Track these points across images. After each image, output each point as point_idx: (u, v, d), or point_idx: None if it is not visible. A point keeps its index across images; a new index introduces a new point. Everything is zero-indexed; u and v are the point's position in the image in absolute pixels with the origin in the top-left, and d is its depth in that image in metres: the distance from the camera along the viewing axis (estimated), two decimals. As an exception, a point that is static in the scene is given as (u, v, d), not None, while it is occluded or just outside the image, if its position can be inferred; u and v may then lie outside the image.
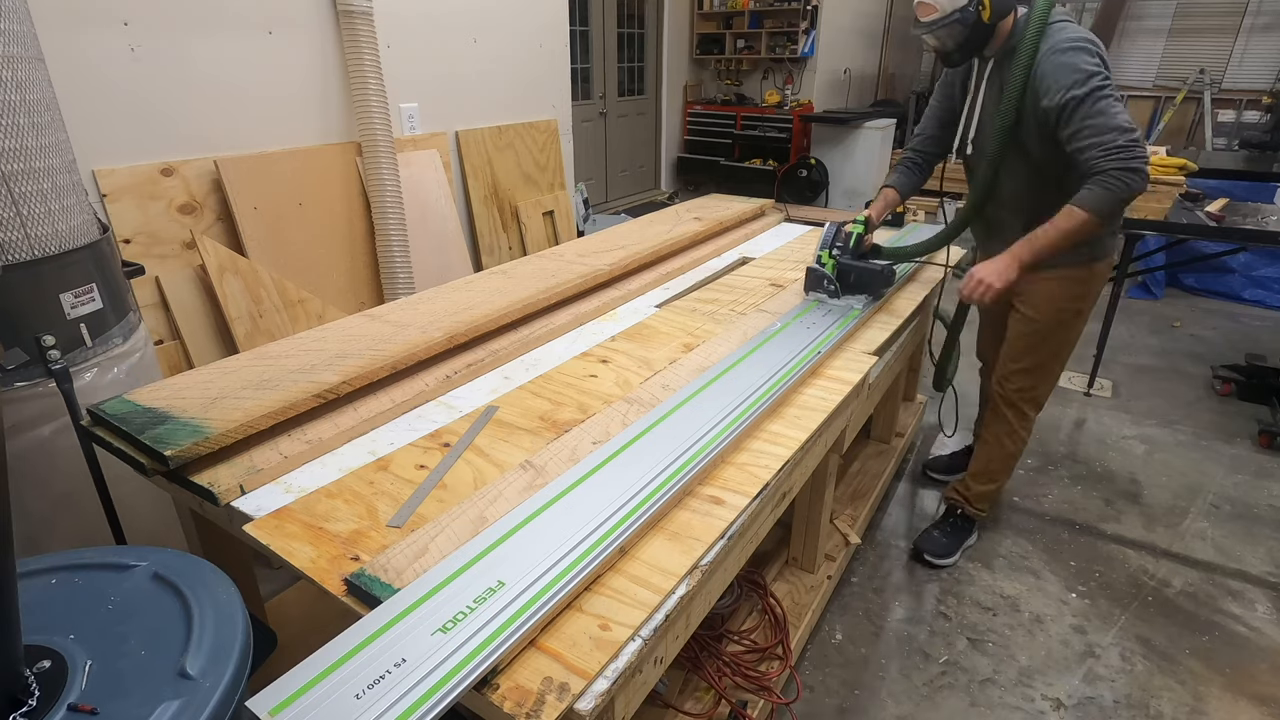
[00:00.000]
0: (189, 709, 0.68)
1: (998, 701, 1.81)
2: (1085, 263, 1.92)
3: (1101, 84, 1.63)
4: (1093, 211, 1.67)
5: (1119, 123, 1.62)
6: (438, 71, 3.09)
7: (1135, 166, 1.62)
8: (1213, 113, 7.64)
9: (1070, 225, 1.70)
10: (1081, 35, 1.69)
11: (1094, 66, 1.63)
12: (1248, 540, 2.41)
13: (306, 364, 1.47)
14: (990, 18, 1.72)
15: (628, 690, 0.91)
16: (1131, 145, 1.61)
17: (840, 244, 1.99)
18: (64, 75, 1.79)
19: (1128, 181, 1.63)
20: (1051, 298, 1.97)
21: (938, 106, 2.11)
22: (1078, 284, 1.96)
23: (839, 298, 1.97)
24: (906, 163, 2.21)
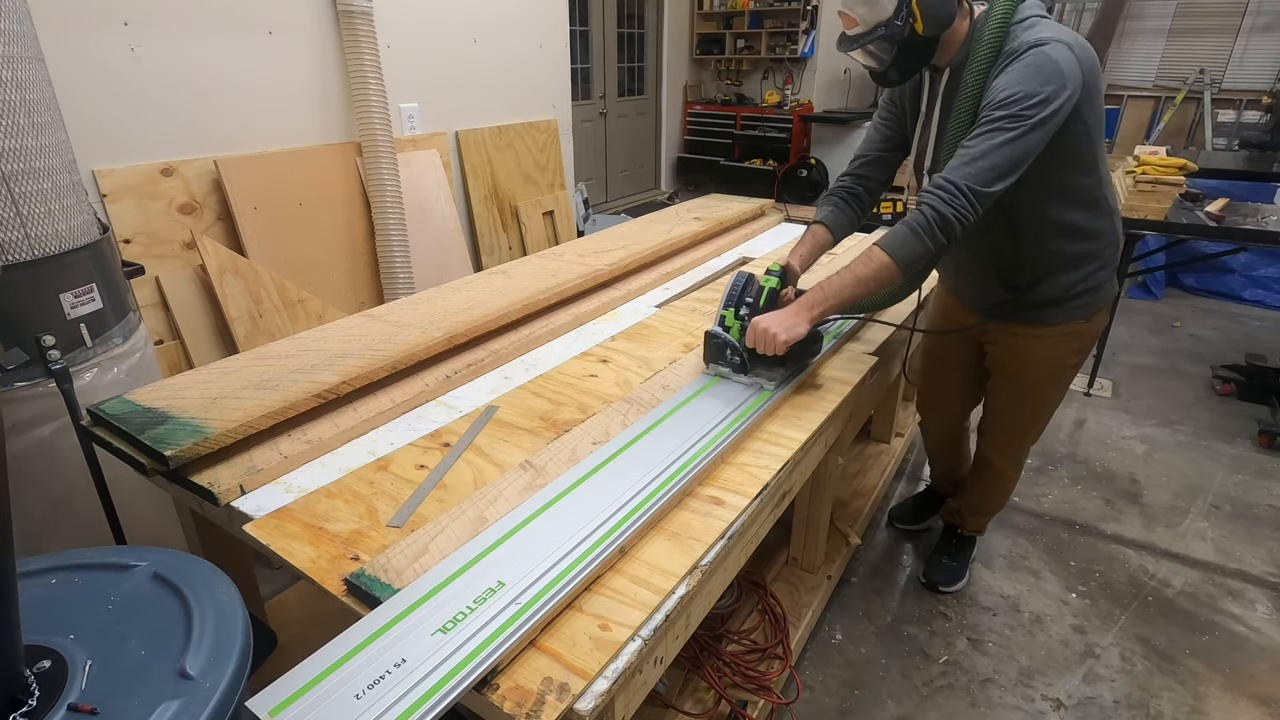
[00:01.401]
0: (189, 709, 0.68)
1: (998, 701, 1.81)
2: (1090, 315, 1.66)
3: (1030, 114, 1.29)
4: (894, 257, 1.38)
5: (993, 163, 1.31)
6: (438, 71, 3.09)
7: (949, 216, 1.32)
8: (1213, 113, 7.64)
9: (866, 271, 1.41)
10: (1056, 37, 1.34)
11: (1045, 91, 1.29)
12: (1248, 540, 2.41)
13: (306, 364, 1.47)
14: (926, 29, 1.40)
15: (628, 690, 0.91)
16: (968, 195, 1.32)
17: (751, 299, 1.53)
18: (64, 75, 1.79)
19: (932, 230, 1.34)
20: (1052, 360, 1.73)
21: (882, 125, 1.74)
22: (1082, 338, 1.70)
23: (746, 373, 1.50)
24: (842, 192, 1.75)
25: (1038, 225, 1.54)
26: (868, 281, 1.41)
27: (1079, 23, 8.55)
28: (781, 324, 1.41)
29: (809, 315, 1.43)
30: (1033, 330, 1.69)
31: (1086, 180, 1.49)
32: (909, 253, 1.38)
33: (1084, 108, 1.38)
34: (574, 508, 1.10)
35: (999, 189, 1.33)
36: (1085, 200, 1.52)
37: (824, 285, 1.44)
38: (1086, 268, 1.59)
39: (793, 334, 1.41)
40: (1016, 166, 1.32)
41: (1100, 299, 1.66)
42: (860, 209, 1.77)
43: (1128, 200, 3.12)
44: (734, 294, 1.54)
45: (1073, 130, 1.39)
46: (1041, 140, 1.32)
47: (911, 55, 1.45)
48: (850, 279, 1.42)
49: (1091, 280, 1.61)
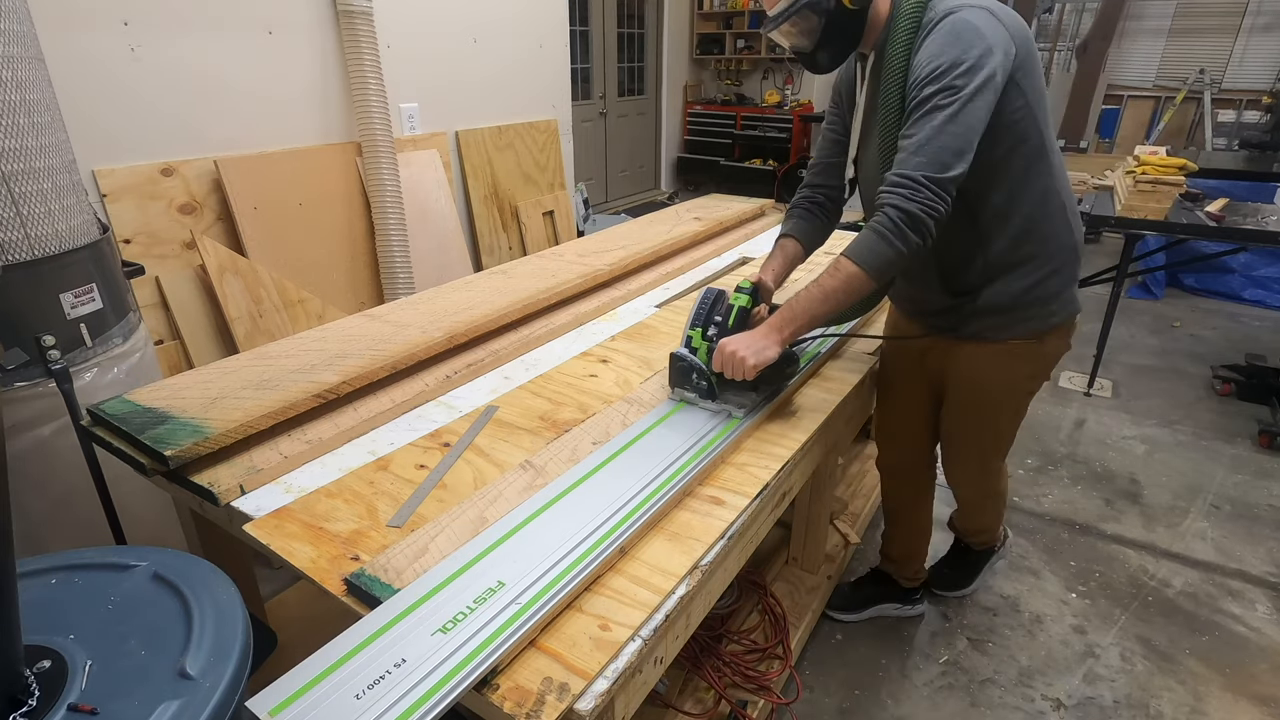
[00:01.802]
0: (189, 709, 0.68)
1: (998, 701, 1.81)
2: (1041, 333, 1.49)
3: (961, 82, 1.19)
4: (862, 266, 1.26)
5: (941, 145, 1.20)
6: (438, 71, 3.09)
7: (914, 212, 1.21)
8: (1213, 113, 7.64)
9: (834, 283, 1.28)
10: (971, 2, 1.25)
11: (971, 55, 1.19)
12: (1248, 540, 2.41)
13: (306, 364, 1.47)
14: (854, 1, 1.30)
15: (628, 690, 0.91)
16: (928, 185, 1.20)
17: (720, 319, 1.41)
18: (64, 75, 1.79)
19: (900, 230, 1.22)
20: (1001, 381, 1.57)
21: (830, 130, 1.63)
22: (1034, 360, 1.54)
23: (714, 399, 1.38)
24: (804, 204, 1.66)
25: (981, 218, 1.41)
26: (837, 294, 1.29)
27: (1079, 23, 8.54)
28: (750, 347, 1.29)
29: (779, 337, 1.31)
30: (979, 349, 1.54)
31: (1034, 166, 1.37)
32: (878, 259, 1.26)
33: (1021, 78, 1.28)
34: (574, 508, 1.09)
35: (957, 172, 1.22)
36: (1035, 194, 1.38)
37: (792, 304, 1.32)
38: (1035, 273, 1.43)
39: (762, 358, 1.28)
40: (968, 143, 1.21)
41: (1053, 313, 1.47)
42: (827, 217, 1.67)
43: (1128, 200, 3.12)
44: (701, 312, 1.41)
45: (1012, 103, 1.28)
46: (985, 110, 1.22)
47: (840, 34, 1.34)
48: (819, 294, 1.30)
49: (1042, 289, 1.44)
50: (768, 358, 1.29)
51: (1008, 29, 1.23)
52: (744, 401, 1.39)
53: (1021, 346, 1.50)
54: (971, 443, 1.74)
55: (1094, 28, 7.98)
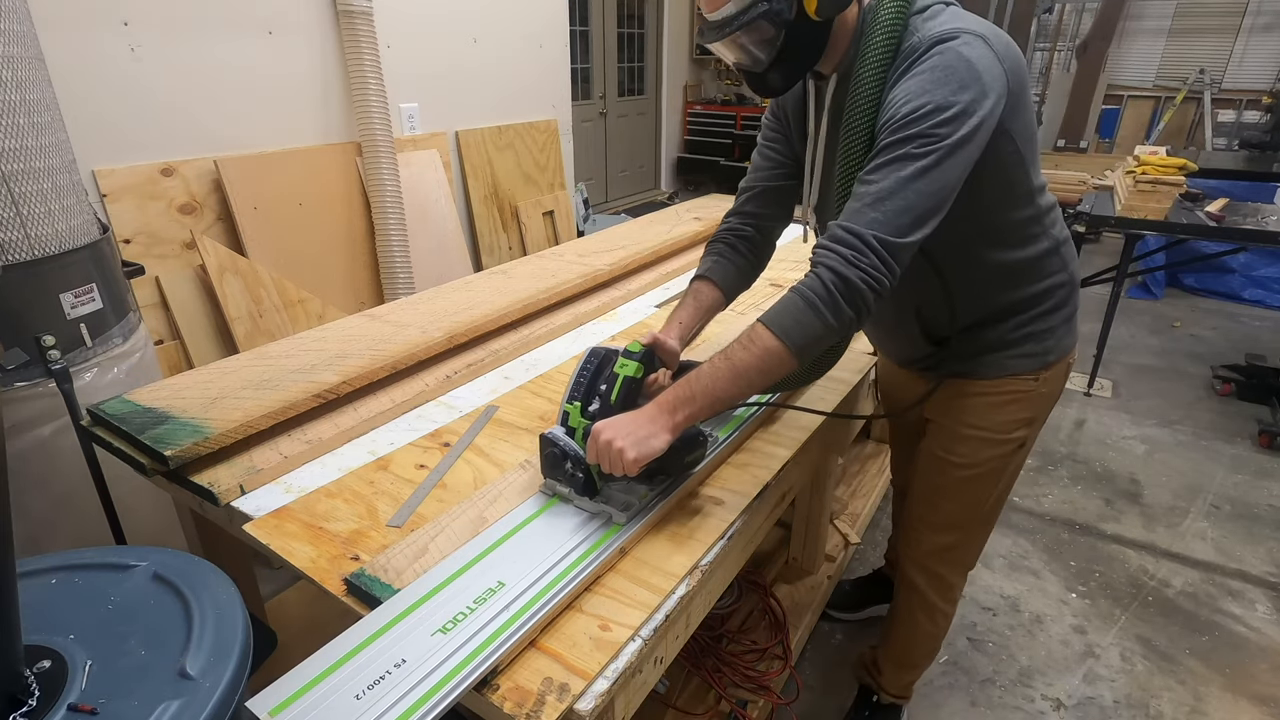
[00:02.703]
0: (189, 709, 0.68)
1: (998, 701, 1.81)
2: (1036, 370, 1.27)
3: (944, 131, 0.96)
4: (783, 339, 1.00)
5: (906, 203, 0.97)
6: (438, 71, 3.09)
7: (854, 281, 0.97)
8: (1213, 113, 7.64)
9: (746, 359, 1.02)
10: (968, 28, 1.01)
11: (960, 100, 0.96)
12: (1248, 540, 2.41)
13: (306, 364, 1.47)
14: (820, 10, 1.04)
15: (628, 690, 0.91)
16: (877, 251, 0.97)
17: (605, 386, 1.13)
18: (64, 75, 1.79)
19: (833, 300, 0.99)
20: (988, 427, 1.32)
21: (768, 148, 1.36)
22: (1029, 403, 1.30)
23: (593, 495, 1.08)
24: (729, 237, 1.38)
25: (966, 269, 1.20)
26: (748, 374, 1.02)
27: (1079, 23, 8.54)
28: (631, 435, 1.00)
29: (669, 422, 1.02)
30: (966, 386, 1.31)
31: (1023, 213, 1.17)
32: (804, 333, 1.00)
33: (1011, 121, 1.05)
34: (574, 507, 1.10)
35: (918, 237, 0.99)
36: (1024, 236, 1.19)
37: (692, 380, 1.04)
38: (1030, 311, 1.24)
39: (646, 449, 0.99)
40: (938, 204, 0.99)
41: (1049, 350, 1.27)
42: (756, 255, 1.39)
43: (1128, 200, 3.13)
44: (582, 380, 1.15)
45: (1000, 151, 1.06)
46: (965, 166, 0.99)
47: (798, 49, 1.08)
48: (726, 371, 1.03)
49: (1036, 325, 1.25)
50: (652, 449, 1.00)
51: (1004, 65, 1.01)
52: (631, 500, 1.08)
53: (1011, 386, 1.28)
54: (941, 508, 1.44)
55: (1094, 28, 7.99)
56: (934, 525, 1.46)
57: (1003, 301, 1.24)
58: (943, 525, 1.45)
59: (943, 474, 1.39)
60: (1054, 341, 1.27)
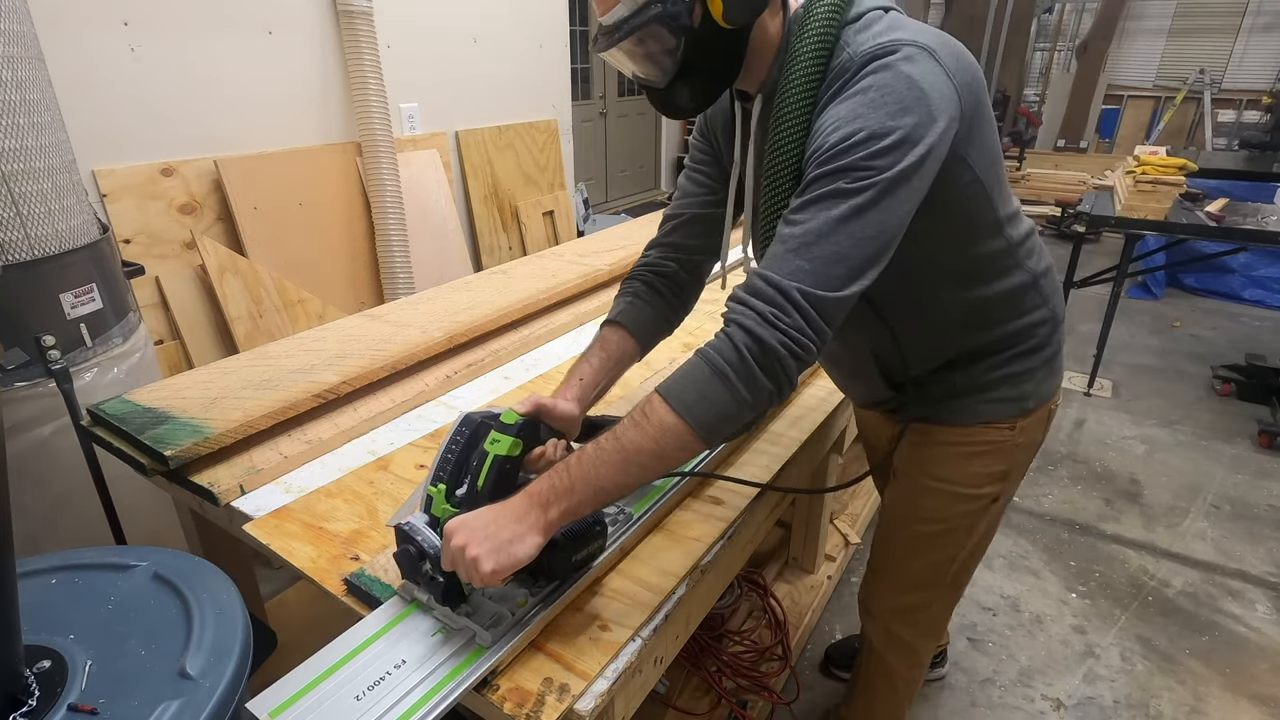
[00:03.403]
0: (189, 709, 0.68)
1: (998, 701, 1.81)
2: (1012, 418, 1.11)
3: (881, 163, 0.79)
4: (685, 416, 0.81)
5: (837, 249, 0.80)
6: (438, 71, 3.09)
7: (772, 346, 0.79)
8: (1213, 113, 7.64)
9: (639, 440, 0.82)
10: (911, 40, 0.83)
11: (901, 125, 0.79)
12: (1248, 540, 2.41)
13: (306, 364, 1.47)
14: (728, 14, 0.86)
15: (628, 690, 0.91)
16: (802, 308, 0.80)
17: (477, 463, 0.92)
18: (64, 75, 1.79)
19: (746, 368, 0.80)
20: (956, 479, 1.16)
21: (696, 171, 1.17)
22: (1003, 455, 1.14)
23: (457, 605, 0.87)
24: (646, 274, 1.18)
25: (925, 311, 1.05)
26: (640, 459, 0.82)
27: (1079, 23, 8.54)
28: (491, 538, 0.79)
29: (542, 520, 0.81)
30: (934, 433, 1.15)
31: (989, 246, 1.01)
32: (710, 409, 0.81)
33: (966, 146, 0.89)
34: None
35: (854, 290, 0.82)
36: (993, 271, 1.03)
37: (572, 465, 0.83)
38: (1005, 352, 1.08)
39: (507, 558, 0.78)
40: (878, 251, 0.82)
41: (1026, 395, 1.10)
42: (677, 295, 1.19)
43: (1128, 200, 3.13)
44: (450, 455, 0.93)
45: (955, 181, 0.90)
46: (909, 203, 0.83)
47: (706, 62, 0.92)
48: (614, 456, 0.82)
49: (1013, 367, 1.08)
50: (515, 558, 0.79)
51: (955, 81, 0.84)
52: (503, 612, 0.87)
53: (985, 435, 1.12)
54: (903, 564, 1.30)
55: (1094, 28, 7.99)
56: (896, 584, 1.33)
57: (973, 343, 1.07)
58: (906, 585, 1.31)
59: (906, 529, 1.26)
60: (1033, 386, 1.10)
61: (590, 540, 0.92)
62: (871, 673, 1.47)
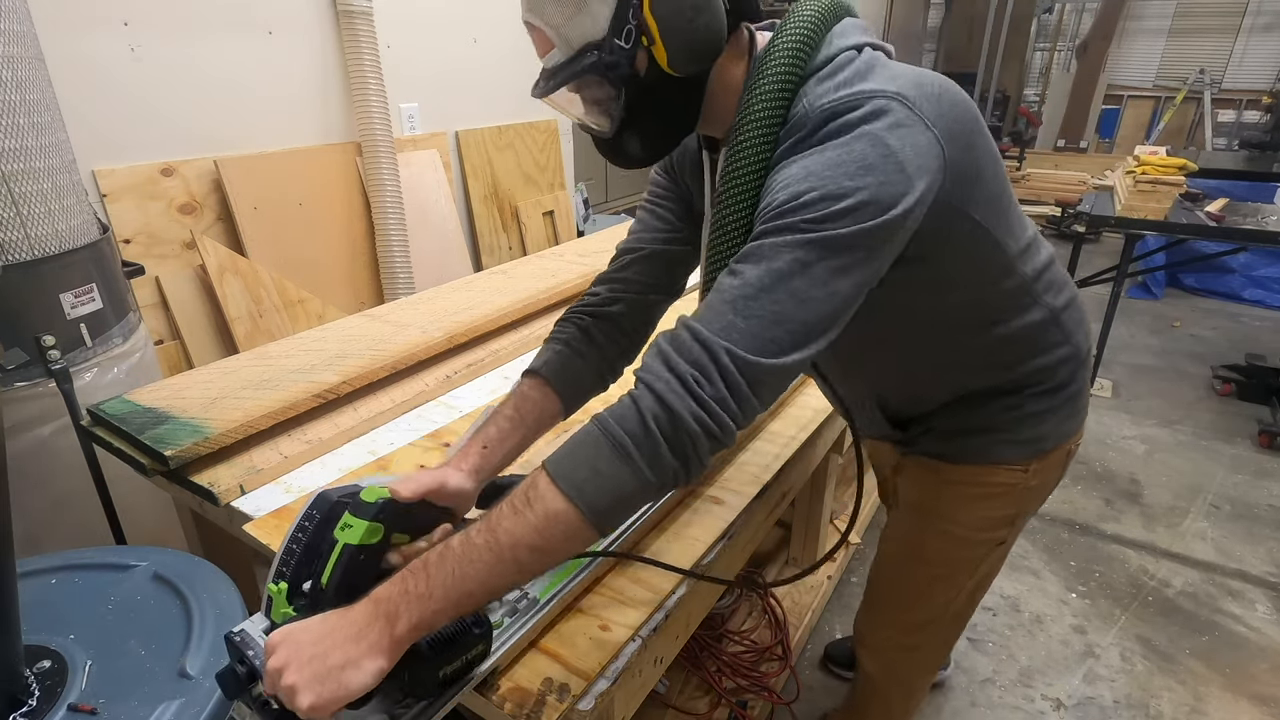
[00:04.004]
0: (189, 709, 0.68)
1: (998, 701, 1.81)
2: (1026, 460, 1.03)
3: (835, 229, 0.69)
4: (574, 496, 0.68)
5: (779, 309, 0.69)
6: (438, 71, 3.09)
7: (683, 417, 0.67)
8: (1213, 113, 7.64)
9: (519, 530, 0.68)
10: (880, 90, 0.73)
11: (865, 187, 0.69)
12: (1248, 540, 2.41)
13: (306, 364, 1.47)
14: (674, 62, 0.77)
15: (628, 690, 0.91)
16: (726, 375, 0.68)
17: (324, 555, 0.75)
18: (64, 75, 1.79)
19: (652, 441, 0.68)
20: (960, 520, 1.10)
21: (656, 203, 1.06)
22: (1013, 498, 1.07)
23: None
24: (581, 319, 1.03)
25: (935, 359, 0.99)
26: (518, 553, 0.68)
27: (1079, 23, 8.54)
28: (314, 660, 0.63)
29: (388, 635, 0.65)
30: (941, 470, 1.07)
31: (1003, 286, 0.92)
32: (604, 491, 0.68)
33: (962, 197, 0.79)
34: None
35: (793, 359, 0.70)
36: (1008, 309, 0.95)
37: (432, 562, 0.68)
38: (1024, 391, 1.00)
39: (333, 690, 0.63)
40: (827, 317, 0.71)
41: (1044, 436, 1.03)
42: (617, 343, 1.03)
43: (1128, 200, 3.13)
44: (295, 545, 0.75)
45: (955, 234, 0.82)
46: (868, 270, 0.72)
47: (657, 112, 0.83)
48: (486, 551, 0.67)
49: (1031, 406, 1.00)
50: (345, 689, 0.63)
51: (935, 130, 0.73)
52: None
53: (998, 476, 1.04)
54: (897, 599, 1.25)
55: (1094, 28, 7.99)
56: (893, 621, 1.27)
57: (988, 383, 1.00)
58: (904, 622, 1.25)
59: (906, 568, 1.20)
60: (1051, 426, 1.02)
61: (466, 647, 0.74)
62: (867, 700, 1.43)
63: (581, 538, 0.69)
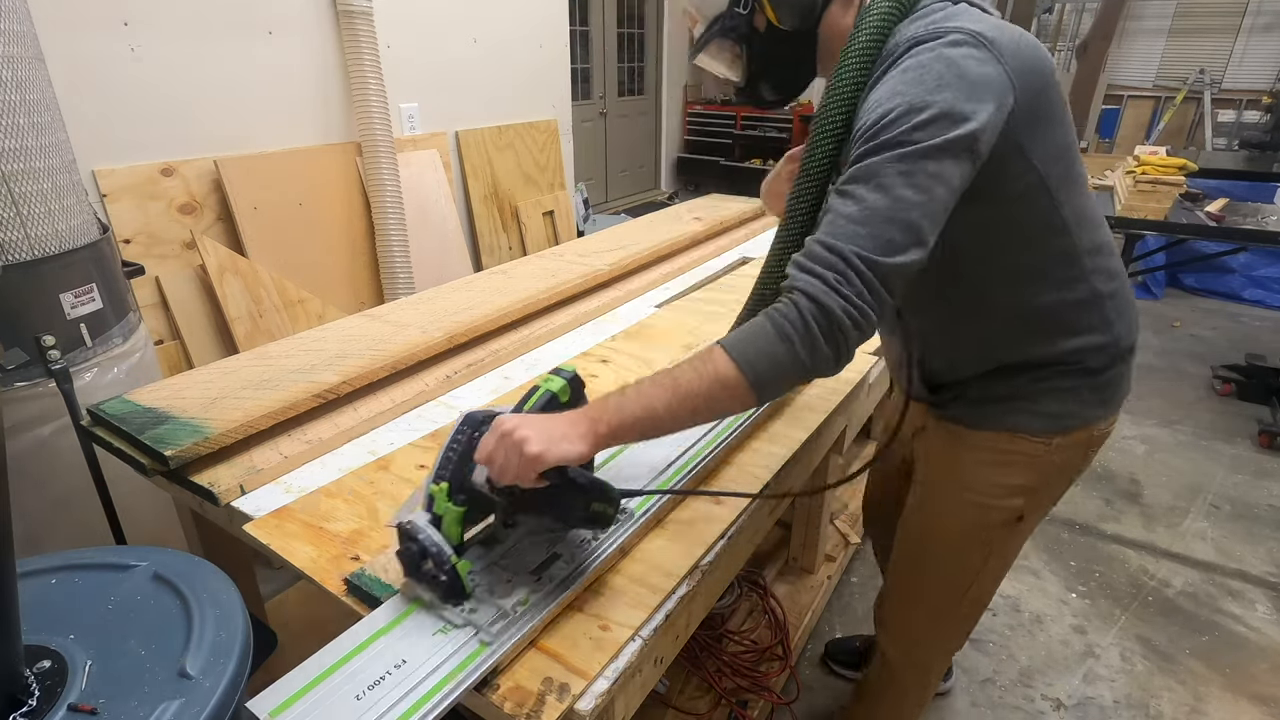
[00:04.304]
0: (189, 709, 0.68)
1: (998, 701, 1.81)
2: (1048, 433, 1.07)
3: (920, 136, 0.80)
4: (744, 368, 0.82)
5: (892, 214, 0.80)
6: (438, 71, 3.09)
7: (835, 313, 0.79)
8: (1213, 113, 7.64)
9: (694, 383, 0.83)
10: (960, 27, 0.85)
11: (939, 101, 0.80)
12: (1248, 540, 2.41)
13: (306, 364, 1.47)
14: (782, 18, 0.97)
15: (628, 690, 0.91)
16: (862, 273, 0.80)
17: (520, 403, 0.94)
18: (64, 75, 1.79)
19: (808, 333, 0.80)
20: (976, 487, 1.13)
21: None
22: (1034, 468, 1.10)
23: (461, 601, 0.88)
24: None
25: (971, 316, 1.05)
26: (692, 400, 0.83)
27: (1079, 23, 8.54)
28: (542, 432, 0.80)
29: (592, 430, 0.83)
30: (964, 436, 1.12)
31: (1049, 249, 0.98)
32: (770, 368, 0.82)
33: (1027, 136, 0.88)
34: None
35: (909, 259, 0.81)
36: (1053, 280, 0.99)
37: (627, 389, 0.86)
38: (1050, 368, 1.04)
39: (555, 450, 0.79)
40: (929, 216, 0.81)
41: (1068, 414, 1.06)
42: None
43: (1128, 200, 3.13)
44: (451, 455, 0.88)
45: (1009, 172, 0.89)
46: (956, 175, 0.82)
47: (777, 61, 1.02)
48: (668, 389, 0.84)
49: (1057, 383, 1.05)
50: (563, 452, 0.80)
51: (1007, 65, 0.83)
52: (506, 609, 0.86)
53: (1013, 444, 1.08)
54: (914, 576, 1.30)
55: (1094, 28, 7.99)
56: (912, 601, 1.32)
57: (1017, 356, 1.05)
58: (922, 601, 1.30)
59: (924, 542, 1.24)
60: (1076, 407, 1.06)
61: (606, 498, 0.88)
62: (882, 685, 1.46)
63: (741, 401, 0.84)
